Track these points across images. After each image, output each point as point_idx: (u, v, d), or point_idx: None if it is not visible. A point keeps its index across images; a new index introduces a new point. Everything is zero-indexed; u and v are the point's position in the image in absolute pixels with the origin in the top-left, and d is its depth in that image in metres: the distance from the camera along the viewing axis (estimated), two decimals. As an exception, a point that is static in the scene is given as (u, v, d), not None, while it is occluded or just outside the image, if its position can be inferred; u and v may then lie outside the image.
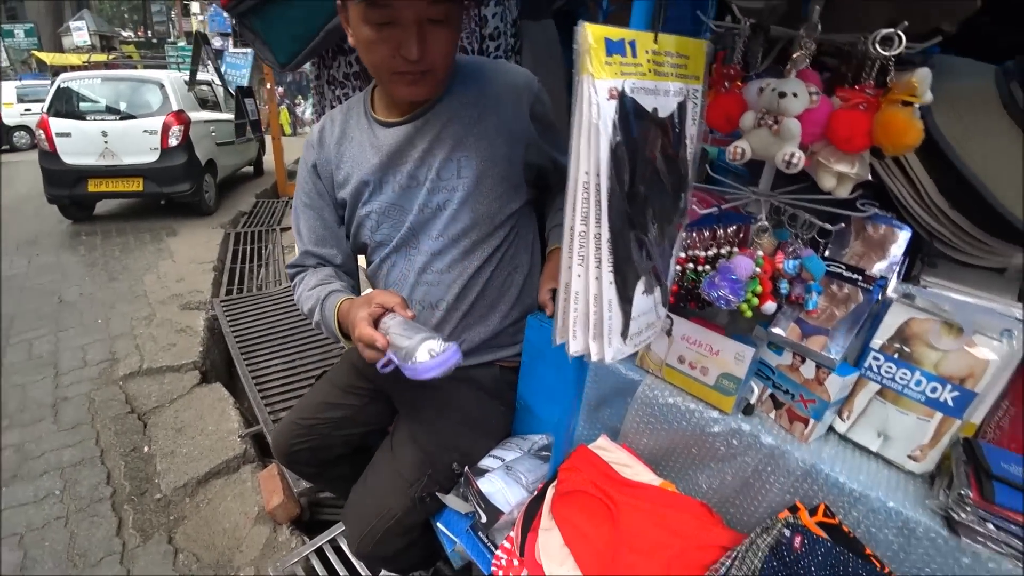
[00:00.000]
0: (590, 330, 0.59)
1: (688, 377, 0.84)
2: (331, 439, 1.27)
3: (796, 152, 0.65)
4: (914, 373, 0.77)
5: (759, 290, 0.74)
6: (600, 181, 0.53)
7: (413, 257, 1.09)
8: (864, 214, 0.81)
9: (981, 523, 0.67)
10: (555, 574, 0.75)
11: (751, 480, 0.83)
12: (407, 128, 1.03)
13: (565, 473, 0.85)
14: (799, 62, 0.69)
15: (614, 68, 0.52)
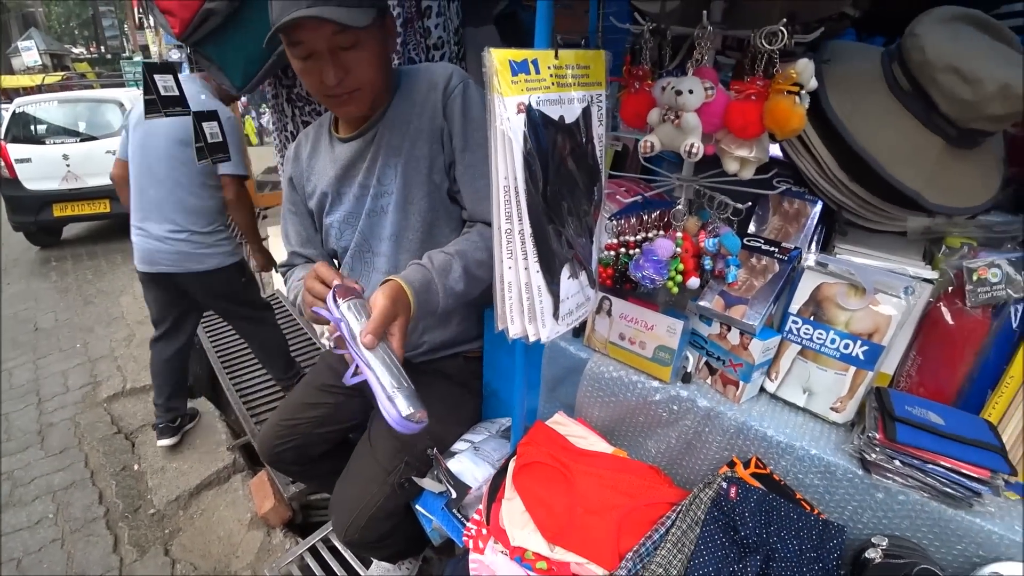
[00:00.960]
0: (524, 314, 0.67)
1: (629, 352, 0.92)
2: (313, 437, 1.34)
3: (696, 143, 0.72)
4: (828, 332, 0.85)
5: (682, 268, 0.82)
6: (517, 184, 0.60)
7: (369, 260, 1.17)
8: (777, 190, 0.90)
9: (889, 460, 0.76)
10: (517, 536, 0.83)
11: (693, 441, 0.91)
12: (358, 143, 1.11)
13: (523, 448, 0.92)
14: (699, 61, 0.77)
15: (520, 86, 0.59)
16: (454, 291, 0.96)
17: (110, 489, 2.28)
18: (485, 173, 1.02)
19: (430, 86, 1.06)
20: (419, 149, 1.05)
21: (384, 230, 1.11)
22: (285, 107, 1.52)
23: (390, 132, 1.07)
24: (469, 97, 1.05)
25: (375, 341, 0.79)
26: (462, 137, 1.04)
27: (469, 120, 1.04)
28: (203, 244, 2.16)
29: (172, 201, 2.10)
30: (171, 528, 2.09)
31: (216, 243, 2.19)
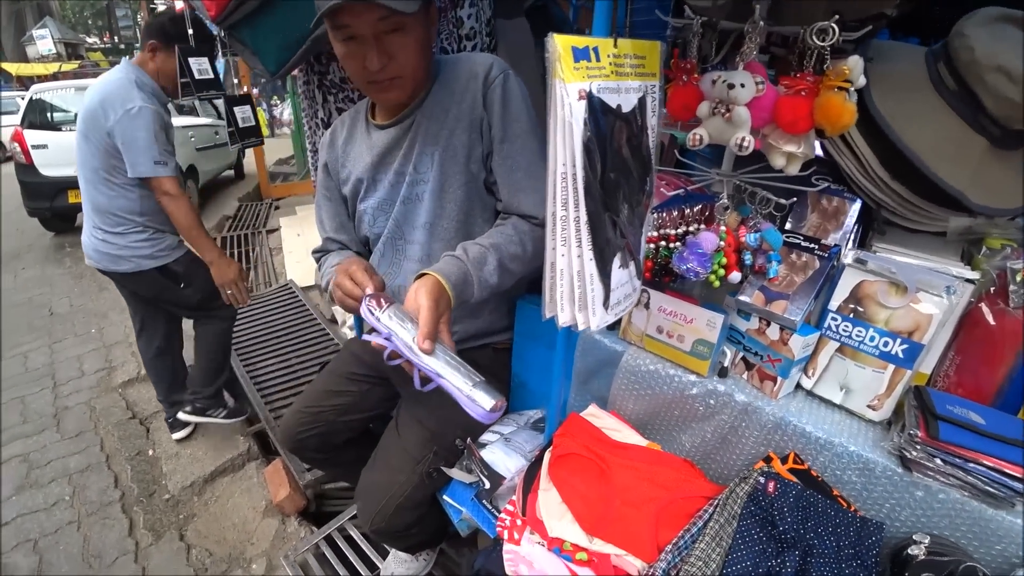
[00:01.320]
0: (575, 302, 0.67)
1: (667, 345, 0.92)
2: (336, 425, 1.34)
3: (747, 136, 0.72)
4: (868, 330, 0.85)
5: (724, 261, 0.82)
6: (576, 171, 0.61)
7: (401, 248, 1.17)
8: (817, 188, 0.90)
9: (930, 458, 0.76)
10: (555, 527, 0.83)
11: (728, 436, 0.91)
12: (395, 130, 1.11)
13: (559, 439, 0.93)
14: (747, 54, 0.77)
15: (581, 72, 0.59)
16: (488, 284, 0.97)
17: (125, 473, 2.29)
18: (522, 165, 1.04)
19: (470, 75, 1.06)
20: (457, 138, 1.05)
21: (419, 218, 1.12)
22: (316, 94, 1.52)
23: (428, 120, 1.07)
24: (509, 88, 1.04)
25: (432, 346, 0.80)
26: (501, 128, 1.04)
27: (508, 111, 1.04)
28: (116, 245, 1.97)
29: (86, 197, 1.98)
30: (186, 513, 2.10)
31: (130, 245, 1.97)
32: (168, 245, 2.05)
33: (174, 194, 1.89)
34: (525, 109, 1.05)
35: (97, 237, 1.98)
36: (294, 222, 5.10)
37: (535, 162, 1.04)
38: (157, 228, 2.02)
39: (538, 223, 1.03)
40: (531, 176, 1.04)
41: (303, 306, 3.35)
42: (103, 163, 1.86)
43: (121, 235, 1.96)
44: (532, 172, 1.04)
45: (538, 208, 1.03)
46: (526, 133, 1.04)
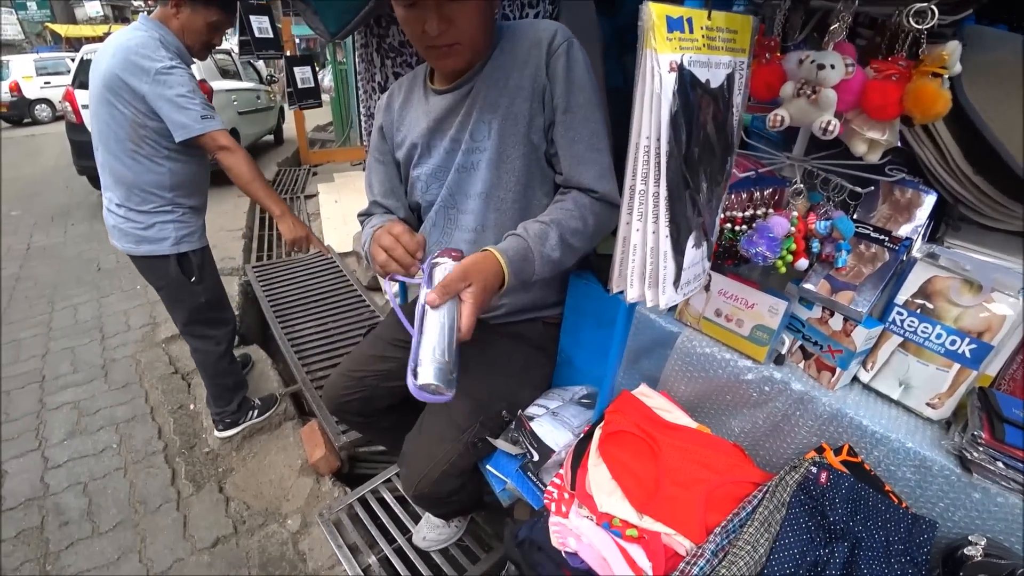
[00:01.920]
0: (646, 279, 0.67)
1: (724, 329, 0.91)
2: (379, 391, 1.37)
3: (832, 120, 0.70)
4: (935, 327, 0.83)
5: (793, 248, 0.81)
6: (660, 145, 0.60)
7: (453, 217, 1.17)
8: (892, 178, 0.87)
9: (992, 461, 0.74)
10: (605, 503, 0.84)
11: (781, 424, 0.91)
12: (453, 96, 1.10)
13: (611, 415, 0.93)
14: (836, 34, 0.74)
15: (674, 43, 0.58)
16: (550, 259, 0.98)
17: (168, 425, 2.40)
18: (584, 137, 1.02)
19: (533, 43, 1.04)
20: (518, 107, 1.04)
21: (473, 187, 1.11)
22: (374, 57, 1.51)
23: (487, 87, 1.06)
24: (573, 57, 1.02)
25: (436, 300, 0.82)
26: (564, 98, 1.02)
27: (572, 81, 1.02)
28: (139, 225, 1.81)
29: (107, 168, 1.80)
30: (224, 467, 2.19)
31: (156, 224, 1.82)
32: (193, 231, 1.93)
33: (231, 147, 1.74)
34: (589, 79, 1.03)
35: (119, 214, 1.83)
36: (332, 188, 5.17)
37: (597, 134, 1.03)
38: (188, 206, 1.89)
39: (598, 197, 1.03)
40: (593, 148, 1.03)
41: (340, 272, 3.42)
42: (131, 132, 1.70)
43: (148, 213, 1.81)
44: (594, 144, 1.03)
45: (599, 181, 1.02)
46: (589, 104, 1.03)
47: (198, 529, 1.92)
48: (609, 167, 1.03)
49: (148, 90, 1.63)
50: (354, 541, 1.73)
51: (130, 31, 1.70)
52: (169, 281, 1.94)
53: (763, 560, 0.79)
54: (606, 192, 1.03)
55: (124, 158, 1.75)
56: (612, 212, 1.05)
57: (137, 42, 1.65)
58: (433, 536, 1.62)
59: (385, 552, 1.68)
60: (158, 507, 2.01)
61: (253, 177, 1.78)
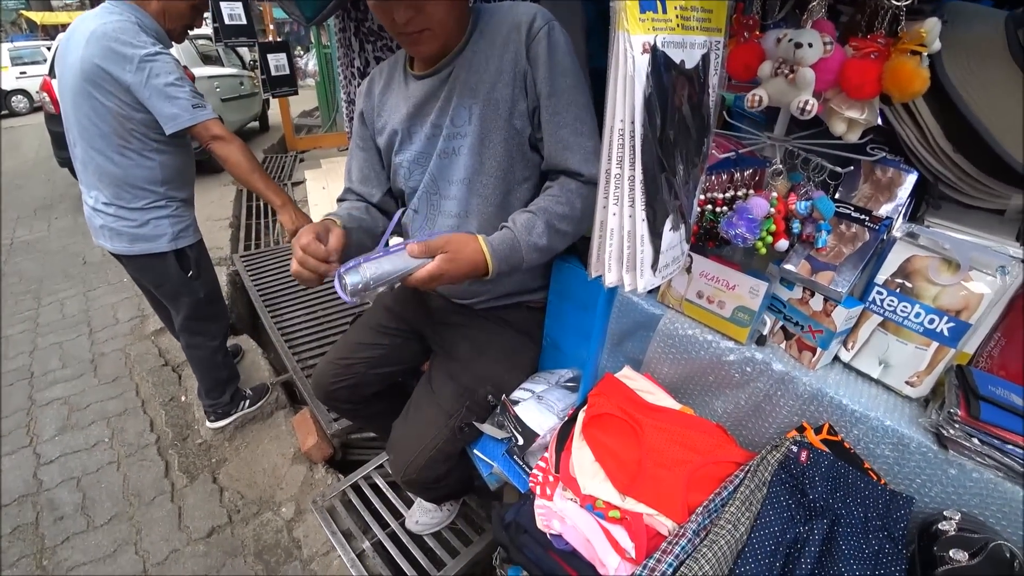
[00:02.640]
0: (624, 263, 0.67)
1: (706, 311, 0.92)
2: (368, 377, 1.38)
3: (810, 100, 0.70)
4: (914, 306, 0.84)
5: (773, 228, 0.80)
6: (635, 128, 0.59)
7: (436, 203, 1.16)
8: (873, 158, 0.87)
9: (967, 438, 0.75)
10: (588, 485, 0.85)
11: (762, 404, 0.91)
12: (432, 80, 1.09)
13: (594, 399, 0.94)
14: (815, 12, 0.73)
15: (647, 24, 0.57)
16: (537, 246, 0.98)
17: (160, 418, 2.39)
18: (568, 121, 1.02)
19: (512, 26, 1.02)
20: (499, 92, 1.03)
21: (456, 173, 1.11)
22: (352, 41, 1.48)
23: (466, 72, 1.05)
24: (554, 40, 1.01)
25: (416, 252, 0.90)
26: (547, 82, 1.01)
27: (554, 65, 1.00)
28: (133, 223, 1.73)
29: (90, 166, 1.69)
30: (218, 458, 2.19)
31: (150, 221, 1.75)
32: (189, 225, 1.88)
33: (226, 136, 1.67)
34: (571, 62, 1.02)
35: (108, 213, 1.73)
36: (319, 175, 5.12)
37: (581, 117, 1.02)
38: (180, 199, 1.83)
39: (584, 180, 1.02)
40: (577, 133, 1.02)
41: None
42: (116, 127, 1.60)
43: (142, 210, 1.73)
44: (578, 129, 1.02)
45: (584, 165, 1.02)
46: (572, 88, 1.01)
47: (193, 520, 1.93)
48: (594, 150, 1.02)
49: (132, 79, 1.52)
50: (348, 527, 1.75)
51: (101, 15, 1.56)
52: (168, 279, 1.87)
53: (744, 538, 0.80)
54: (592, 175, 1.01)
55: (111, 154, 1.64)
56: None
57: (114, 27, 1.52)
58: (426, 520, 1.64)
59: (379, 537, 1.70)
60: (152, 499, 2.02)
61: (253, 167, 1.71)
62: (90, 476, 2.12)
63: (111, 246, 1.80)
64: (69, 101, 1.63)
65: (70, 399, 2.54)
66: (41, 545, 1.85)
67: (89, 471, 2.15)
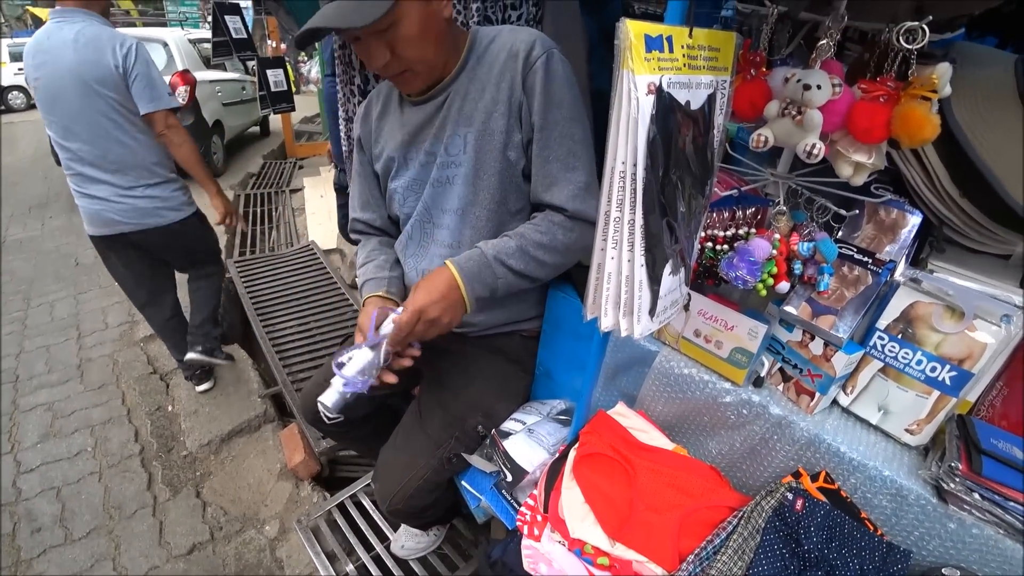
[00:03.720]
0: (620, 308, 0.64)
1: (703, 350, 0.89)
2: (356, 399, 1.34)
3: (817, 143, 0.68)
4: (915, 353, 0.82)
5: (775, 271, 0.79)
6: (636, 171, 0.57)
7: (429, 232, 1.14)
8: (879, 199, 0.85)
9: (968, 493, 0.73)
10: (577, 528, 0.82)
11: (758, 447, 0.89)
12: (427, 107, 1.07)
13: (586, 436, 0.91)
14: (824, 51, 0.72)
15: (652, 64, 0.56)
16: (512, 268, 0.98)
17: (145, 428, 2.35)
18: (560, 156, 0.99)
19: (510, 55, 0.99)
20: (495, 122, 1.01)
21: (449, 202, 1.08)
22: (352, 59, 1.46)
23: (461, 99, 1.03)
24: (552, 70, 0.97)
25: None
26: (541, 114, 0.98)
27: (550, 96, 0.97)
28: (159, 200, 1.99)
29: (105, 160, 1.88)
30: (202, 471, 2.15)
31: (170, 196, 2.03)
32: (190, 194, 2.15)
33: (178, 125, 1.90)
34: (568, 93, 0.99)
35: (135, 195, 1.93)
36: (318, 183, 5.09)
37: (575, 151, 0.99)
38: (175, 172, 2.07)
39: (569, 215, 0.99)
40: (567, 167, 0.99)
41: (323, 268, 3.36)
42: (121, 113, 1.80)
43: (162, 185, 1.99)
44: (569, 163, 0.99)
45: (571, 201, 0.99)
46: (566, 120, 0.98)
47: (174, 535, 1.88)
48: (586, 185, 0.99)
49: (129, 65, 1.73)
50: (332, 548, 1.70)
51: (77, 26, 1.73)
52: (195, 236, 2.20)
53: (738, 589, 0.77)
54: (578, 210, 0.99)
55: (127, 141, 1.85)
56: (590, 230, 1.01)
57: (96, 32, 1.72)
58: (411, 544, 1.60)
59: (363, 560, 1.65)
60: (133, 512, 1.97)
61: (198, 157, 2.03)
62: (71, 486, 2.07)
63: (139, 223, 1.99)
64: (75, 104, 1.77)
65: (54, 405, 2.49)
66: (17, 557, 1.80)
67: (70, 481, 2.10)
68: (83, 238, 4.24)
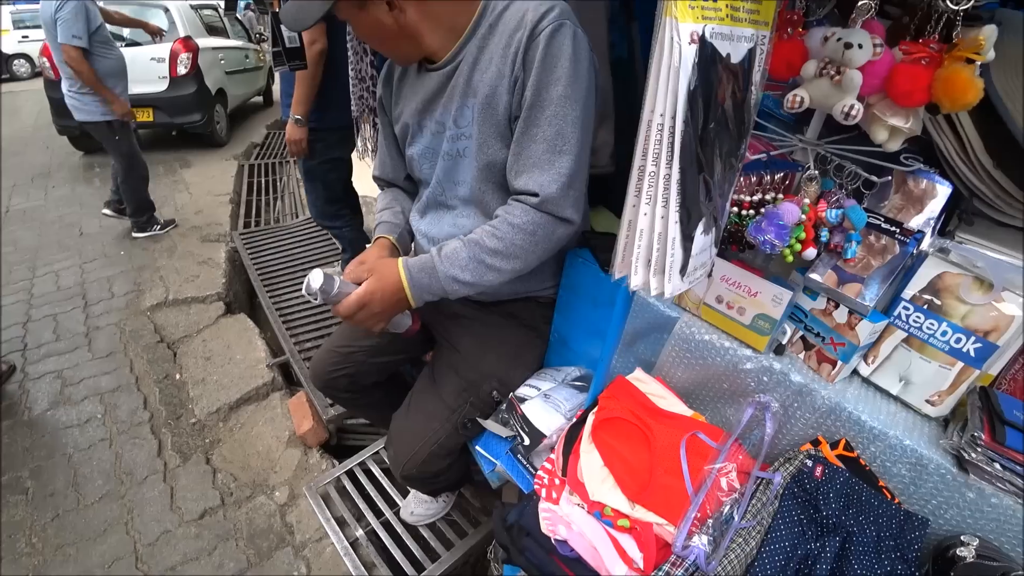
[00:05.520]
0: (652, 266, 0.63)
1: (725, 316, 0.89)
2: (367, 366, 1.35)
3: (856, 104, 0.66)
4: (941, 324, 0.81)
5: (803, 236, 0.77)
6: (675, 124, 0.56)
7: (444, 203, 1.12)
8: (909, 168, 0.83)
9: (989, 463, 0.73)
10: (596, 491, 0.82)
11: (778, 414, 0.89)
12: (440, 75, 1.03)
13: (605, 401, 0.91)
14: (865, 11, 0.70)
15: (696, 12, 0.54)
16: (458, 279, 0.97)
17: (154, 395, 2.36)
18: (548, 137, 0.92)
19: (519, 24, 0.92)
20: (499, 96, 0.95)
21: (461, 175, 1.06)
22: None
23: (470, 69, 0.98)
24: (557, 43, 0.89)
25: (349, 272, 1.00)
26: (533, 91, 0.91)
27: (547, 70, 0.89)
28: (80, 100, 3.23)
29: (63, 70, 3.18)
30: (211, 438, 2.17)
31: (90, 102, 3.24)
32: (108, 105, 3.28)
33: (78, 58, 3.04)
34: (571, 70, 0.90)
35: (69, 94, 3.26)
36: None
37: (564, 133, 0.92)
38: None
39: (541, 206, 0.94)
40: (554, 150, 0.92)
41: (329, 239, 3.35)
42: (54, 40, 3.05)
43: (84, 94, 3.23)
44: (556, 146, 0.92)
45: (550, 187, 0.92)
46: (562, 99, 0.90)
47: (185, 501, 1.91)
48: (569, 174, 0.93)
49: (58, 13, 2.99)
50: (341, 514, 1.73)
51: None
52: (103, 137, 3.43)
53: (754, 552, 0.78)
54: (554, 202, 0.93)
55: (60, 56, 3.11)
56: (555, 226, 0.96)
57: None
58: (421, 511, 1.62)
59: (373, 525, 1.68)
60: (144, 479, 1.99)
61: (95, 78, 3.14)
62: (81, 452, 2.10)
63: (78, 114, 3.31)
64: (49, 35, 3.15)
65: (63, 373, 2.50)
66: (31, 521, 1.83)
67: (81, 447, 2.12)
68: (86, 207, 4.30)
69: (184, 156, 5.49)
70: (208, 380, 2.41)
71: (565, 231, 0.97)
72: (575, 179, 0.94)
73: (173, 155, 5.50)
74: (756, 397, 0.87)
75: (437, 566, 1.53)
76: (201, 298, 2.96)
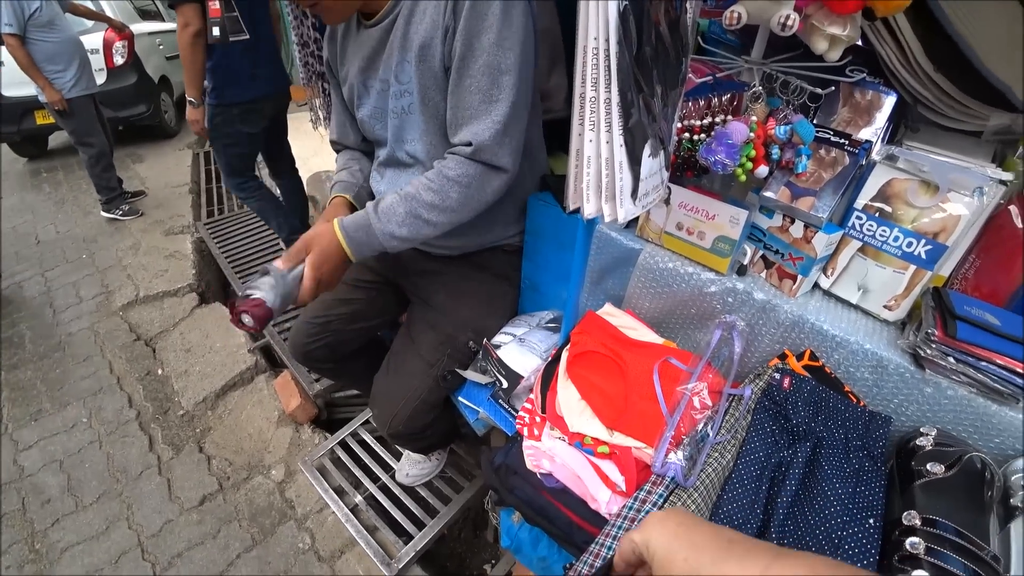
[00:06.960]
0: (603, 192, 0.64)
1: (686, 242, 0.90)
2: (345, 334, 1.35)
3: (792, 14, 0.66)
4: (892, 230, 0.84)
5: (753, 154, 0.78)
6: (609, 46, 0.56)
7: (400, 160, 1.11)
8: (853, 79, 0.84)
9: (943, 357, 0.76)
10: (575, 423, 0.85)
11: (745, 333, 0.92)
12: (378, 30, 1.00)
13: (577, 337, 0.93)
14: (797, -83, 0.69)
15: (622, -71, 0.53)
16: (395, 235, 0.97)
17: (138, 393, 2.34)
18: (482, 87, 0.90)
19: None
20: (434, 48, 0.93)
21: (410, 133, 1.04)
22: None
23: (406, 22, 0.96)
24: None
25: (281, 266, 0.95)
26: (464, 40, 0.88)
27: (478, 17, 0.87)
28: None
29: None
30: (202, 427, 2.17)
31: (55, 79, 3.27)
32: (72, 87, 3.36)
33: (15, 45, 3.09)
34: (501, 15, 0.87)
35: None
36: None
37: (498, 82, 0.90)
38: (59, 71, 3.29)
39: (476, 156, 0.93)
40: (489, 100, 0.90)
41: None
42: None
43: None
44: (492, 95, 0.90)
45: (483, 132, 0.91)
46: (494, 47, 0.88)
47: (183, 490, 1.92)
48: (504, 121, 0.91)
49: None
50: (339, 484, 1.76)
51: None
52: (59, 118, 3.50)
53: (731, 464, 0.82)
54: (483, 144, 0.91)
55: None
56: (491, 176, 0.95)
57: None
58: (415, 471, 1.66)
59: (371, 491, 1.71)
60: (140, 474, 1.99)
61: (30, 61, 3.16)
62: (72, 457, 2.08)
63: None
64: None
65: (46, 378, 2.46)
66: (31, 529, 1.83)
67: (71, 452, 2.10)
68: (39, 215, 4.12)
69: (135, 151, 5.26)
70: (191, 371, 2.39)
71: (500, 181, 0.97)
72: (511, 127, 0.93)
73: (124, 151, 5.24)
74: (723, 318, 0.89)
75: (437, 521, 1.58)
76: (173, 291, 2.90)
